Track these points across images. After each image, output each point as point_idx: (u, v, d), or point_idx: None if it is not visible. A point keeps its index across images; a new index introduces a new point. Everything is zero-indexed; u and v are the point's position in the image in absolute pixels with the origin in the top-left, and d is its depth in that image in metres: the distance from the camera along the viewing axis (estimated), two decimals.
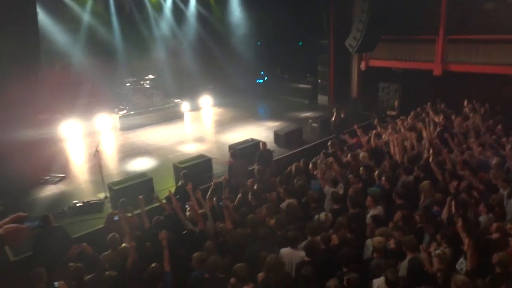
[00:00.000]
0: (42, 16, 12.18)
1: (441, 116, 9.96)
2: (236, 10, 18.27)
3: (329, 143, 9.30)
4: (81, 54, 14.21)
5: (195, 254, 4.71)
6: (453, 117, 10.45)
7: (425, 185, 6.18)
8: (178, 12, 17.24)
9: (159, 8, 16.69)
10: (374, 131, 9.87)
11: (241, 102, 17.58)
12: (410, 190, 6.39)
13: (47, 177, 9.72)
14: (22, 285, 4.62)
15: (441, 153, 7.49)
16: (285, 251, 4.89)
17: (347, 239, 5.05)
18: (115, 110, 14.60)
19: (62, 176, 9.86)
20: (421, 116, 10.87)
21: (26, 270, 4.76)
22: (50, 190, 9.21)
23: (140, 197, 6.36)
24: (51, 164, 10.66)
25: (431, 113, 10.33)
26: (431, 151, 7.32)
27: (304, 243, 4.96)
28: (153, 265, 4.51)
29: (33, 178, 9.58)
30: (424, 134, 8.80)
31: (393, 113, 12.62)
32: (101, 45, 14.66)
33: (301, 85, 18.54)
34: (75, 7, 14.02)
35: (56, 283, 4.42)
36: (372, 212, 5.77)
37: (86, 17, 14.30)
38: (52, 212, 6.49)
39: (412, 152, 8.08)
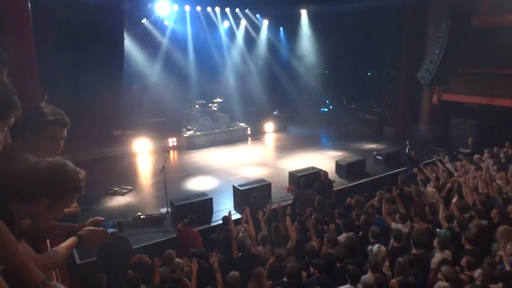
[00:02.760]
0: (126, 40, 13.32)
1: None
2: (305, 39, 18.53)
3: (399, 177, 8.86)
4: (157, 76, 15.27)
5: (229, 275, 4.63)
6: None
7: (502, 231, 5.61)
8: (249, 39, 17.93)
9: (232, 34, 17.49)
10: (443, 168, 9.29)
11: (304, 130, 17.54)
12: (483, 235, 5.85)
13: (116, 188, 10.35)
14: None
15: None
16: None
17: (407, 282, 4.71)
18: (183, 130, 15.32)
19: (129, 189, 10.45)
20: (497, 156, 10.04)
21: (89, 274, 5.06)
22: (117, 201, 9.80)
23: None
24: (121, 176, 11.38)
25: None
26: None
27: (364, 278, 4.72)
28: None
29: (104, 188, 10.26)
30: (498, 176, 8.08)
31: (466, 150, 11.81)
32: (176, 68, 15.65)
33: (367, 116, 18.11)
34: (156, 32, 15.18)
35: None
36: (438, 256, 5.35)
37: (165, 42, 15.40)
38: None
39: (487, 193, 7.44)
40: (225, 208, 8.92)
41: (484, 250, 5.54)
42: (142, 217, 8.39)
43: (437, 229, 6.14)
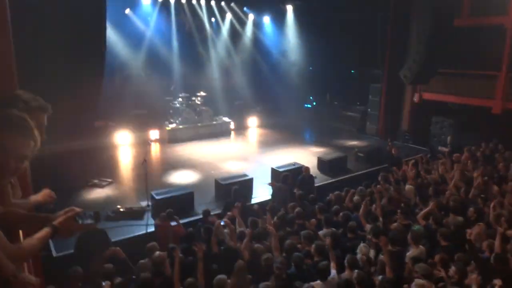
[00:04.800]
0: (109, 30, 13.05)
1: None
2: (291, 34, 18.54)
3: (380, 175, 8.95)
4: (140, 68, 15.04)
5: (216, 278, 4.59)
6: None
7: (476, 229, 5.77)
8: (234, 33, 17.83)
9: (217, 28, 17.36)
10: (423, 166, 9.46)
11: (287, 125, 17.59)
12: (458, 232, 5.99)
13: (96, 181, 10.18)
14: (60, 281, 4.82)
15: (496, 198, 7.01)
16: (316, 285, 4.68)
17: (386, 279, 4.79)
18: (166, 123, 15.16)
19: (109, 181, 10.29)
20: (475, 155, 10.29)
21: (65, 267, 4.97)
22: (97, 193, 9.65)
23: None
24: (101, 168, 11.20)
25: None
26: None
27: (337, 277, 4.77)
28: (190, 279, 4.53)
29: (83, 180, 10.08)
30: (476, 175, 8.26)
31: (445, 149, 12.07)
32: (159, 60, 15.43)
33: (350, 113, 18.30)
34: (139, 23, 14.93)
35: (104, 283, 4.59)
36: (413, 251, 5.45)
37: (148, 33, 15.17)
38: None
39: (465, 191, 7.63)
40: (206, 202, 8.89)
41: (458, 247, 5.67)
42: (121, 210, 8.28)
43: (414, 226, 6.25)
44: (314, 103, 20.14)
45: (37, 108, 2.09)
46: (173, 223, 6.99)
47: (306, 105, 20.12)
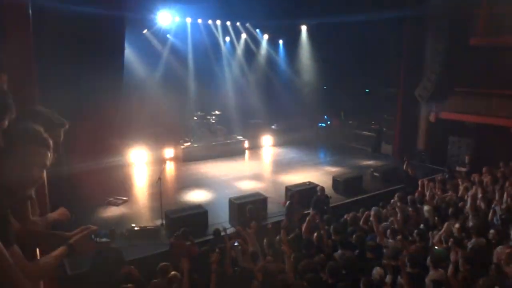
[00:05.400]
0: (128, 50, 13.37)
1: None
2: (305, 54, 18.69)
3: (396, 195, 8.79)
4: (157, 87, 15.31)
5: None
6: None
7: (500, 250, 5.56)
8: (249, 52, 18.06)
9: (232, 48, 17.62)
10: (441, 186, 9.27)
11: (302, 144, 17.53)
12: (480, 254, 5.79)
13: (111, 199, 10.25)
14: None
15: None
16: None
17: None
18: (180, 141, 15.28)
19: (124, 200, 10.36)
20: (496, 175, 10.03)
21: (79, 285, 4.96)
22: (112, 212, 9.71)
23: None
24: (117, 187, 11.29)
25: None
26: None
27: None
28: None
29: (99, 199, 10.16)
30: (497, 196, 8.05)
31: (463, 169, 11.82)
32: (175, 80, 15.68)
33: (365, 132, 18.17)
34: (156, 43, 15.27)
35: None
36: (432, 274, 5.28)
37: (165, 53, 15.48)
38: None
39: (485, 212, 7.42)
40: (220, 221, 8.84)
41: (480, 270, 5.47)
42: (136, 228, 8.29)
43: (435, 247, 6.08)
44: (329, 122, 20.08)
45: (53, 122, 2.14)
46: (188, 243, 6.96)
47: (320, 124, 20.07)
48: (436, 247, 6.02)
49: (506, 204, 7.69)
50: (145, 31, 15.04)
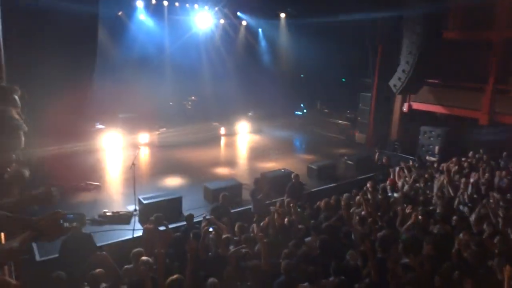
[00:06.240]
0: (101, 32, 12.98)
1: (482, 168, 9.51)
2: (283, 42, 18.66)
3: (368, 183, 9.00)
4: (131, 71, 14.97)
5: (209, 281, 4.58)
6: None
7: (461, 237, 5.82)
8: (227, 39, 17.89)
9: (210, 33, 17.39)
10: (411, 175, 9.54)
11: (277, 132, 17.62)
12: (445, 240, 6.03)
13: (83, 184, 10.05)
14: (43, 286, 4.73)
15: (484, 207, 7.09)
16: (303, 287, 4.70)
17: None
18: (156, 127, 15.07)
19: (97, 185, 10.17)
20: (462, 165, 10.42)
21: (49, 271, 4.88)
22: (84, 197, 9.53)
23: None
24: (89, 172, 11.07)
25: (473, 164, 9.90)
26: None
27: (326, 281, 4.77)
28: (175, 276, 4.42)
29: (70, 184, 9.94)
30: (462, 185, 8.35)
31: (433, 159, 12.20)
32: (152, 64, 15.38)
33: (340, 121, 18.42)
34: (132, 26, 14.89)
35: None
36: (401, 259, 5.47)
37: (141, 36, 15.11)
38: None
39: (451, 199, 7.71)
40: (194, 207, 8.83)
41: (444, 256, 5.71)
42: (108, 214, 8.19)
43: (402, 235, 6.28)
44: (305, 111, 20.24)
45: (8, 91, 2.10)
46: (161, 228, 6.91)
47: (296, 113, 20.20)
48: (404, 234, 6.21)
49: (470, 193, 8.02)
50: (119, 13, 14.64)
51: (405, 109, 15.47)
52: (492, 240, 5.76)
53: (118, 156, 13.21)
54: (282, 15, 18.19)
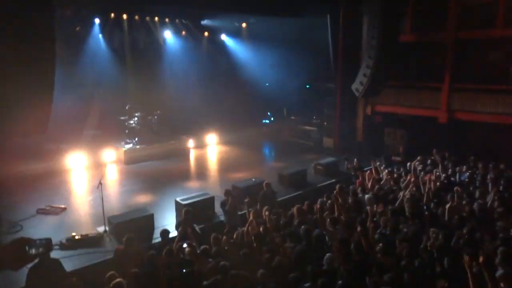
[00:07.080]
0: (60, 47, 12.58)
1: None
2: (246, 51, 18.79)
3: (337, 187, 9.12)
4: (94, 86, 14.58)
5: None
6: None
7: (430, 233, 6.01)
8: (190, 50, 17.80)
9: (172, 45, 17.27)
10: (377, 176, 9.79)
11: (246, 141, 17.61)
12: (416, 237, 6.21)
13: (48, 208, 9.63)
14: None
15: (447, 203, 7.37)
16: None
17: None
18: (121, 143, 14.70)
19: (63, 208, 9.76)
20: (426, 162, 10.81)
21: None
22: (50, 221, 9.10)
23: None
24: (53, 194, 10.63)
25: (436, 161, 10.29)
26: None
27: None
28: None
29: (34, 208, 9.50)
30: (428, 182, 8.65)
31: (398, 158, 12.57)
32: (112, 78, 15.04)
33: (307, 127, 18.67)
34: (91, 42, 14.55)
35: None
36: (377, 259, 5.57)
37: (101, 50, 14.79)
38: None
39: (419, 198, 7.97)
40: (167, 223, 8.66)
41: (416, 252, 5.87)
42: (76, 237, 7.85)
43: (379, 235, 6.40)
44: (272, 119, 20.40)
45: None
46: (133, 248, 6.70)
47: (264, 121, 20.33)
48: (377, 235, 6.33)
49: (435, 188, 8.33)
50: (77, 28, 14.28)
51: (368, 112, 15.89)
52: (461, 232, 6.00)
53: (84, 176, 12.77)
54: (243, 25, 18.37)
